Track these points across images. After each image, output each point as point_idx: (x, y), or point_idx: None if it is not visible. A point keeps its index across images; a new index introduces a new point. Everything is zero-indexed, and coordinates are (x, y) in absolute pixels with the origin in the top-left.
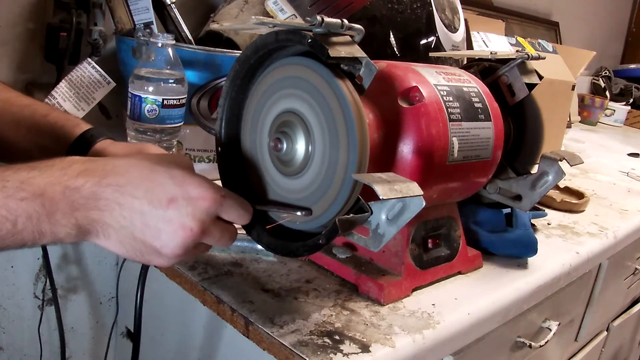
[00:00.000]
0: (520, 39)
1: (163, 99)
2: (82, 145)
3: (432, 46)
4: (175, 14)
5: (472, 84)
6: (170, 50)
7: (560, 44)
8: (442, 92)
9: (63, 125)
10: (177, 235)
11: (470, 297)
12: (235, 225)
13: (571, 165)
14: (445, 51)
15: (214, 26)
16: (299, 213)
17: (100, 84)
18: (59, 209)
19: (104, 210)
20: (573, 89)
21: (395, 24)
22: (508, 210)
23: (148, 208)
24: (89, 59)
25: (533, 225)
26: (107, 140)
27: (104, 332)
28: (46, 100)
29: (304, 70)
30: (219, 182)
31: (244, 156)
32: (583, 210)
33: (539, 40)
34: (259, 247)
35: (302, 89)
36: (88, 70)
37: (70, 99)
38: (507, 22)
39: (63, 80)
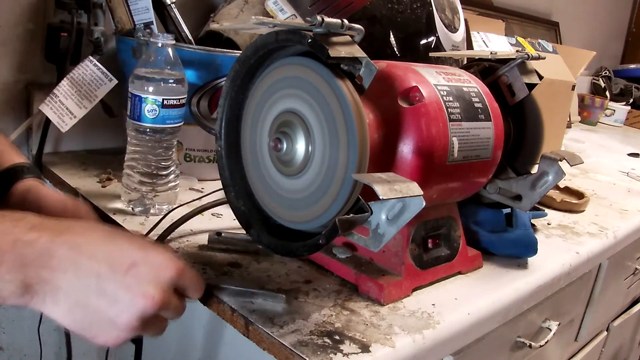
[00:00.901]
0: (520, 39)
1: (163, 99)
2: (4, 179)
3: (432, 46)
4: (175, 14)
5: (472, 84)
6: (170, 50)
7: (560, 44)
8: (442, 92)
9: None
10: (136, 303)
11: (470, 297)
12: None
13: (571, 165)
14: (445, 51)
15: (214, 26)
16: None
17: (102, 82)
18: (4, 262)
19: (56, 270)
20: (573, 89)
21: (395, 24)
22: (508, 210)
23: (106, 271)
24: (91, 57)
25: (533, 225)
26: (33, 179)
27: None
28: (48, 99)
29: (304, 70)
30: (219, 182)
31: (244, 156)
32: (583, 210)
33: (539, 40)
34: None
35: (302, 89)
36: (90, 68)
37: (72, 97)
38: (507, 22)
39: (65, 79)
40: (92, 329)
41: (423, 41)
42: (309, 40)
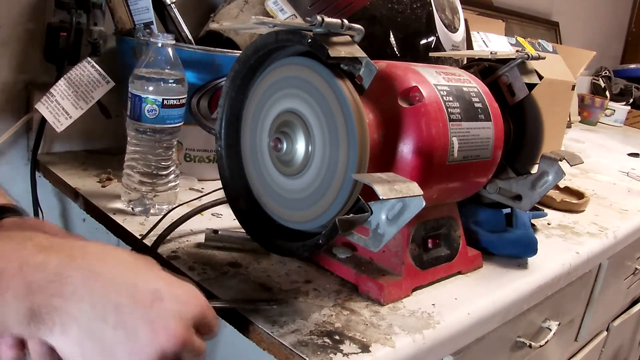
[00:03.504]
0: (520, 39)
1: (163, 99)
2: None
3: (432, 46)
4: (175, 14)
5: (472, 84)
6: (170, 50)
7: (560, 44)
8: (442, 92)
9: None
10: (157, 338)
11: (470, 297)
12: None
13: (571, 165)
14: (445, 51)
15: (214, 26)
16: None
17: (99, 83)
18: (10, 288)
19: (69, 300)
20: (573, 89)
21: (395, 24)
22: (508, 210)
23: (127, 303)
24: (89, 58)
25: (533, 225)
26: (15, 218)
27: None
28: (44, 98)
29: (304, 70)
30: (219, 182)
31: (244, 156)
32: (583, 210)
33: (539, 40)
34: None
35: (302, 89)
36: (87, 69)
37: (68, 97)
38: (507, 22)
39: (62, 79)
40: None
41: (423, 41)
42: (309, 40)
